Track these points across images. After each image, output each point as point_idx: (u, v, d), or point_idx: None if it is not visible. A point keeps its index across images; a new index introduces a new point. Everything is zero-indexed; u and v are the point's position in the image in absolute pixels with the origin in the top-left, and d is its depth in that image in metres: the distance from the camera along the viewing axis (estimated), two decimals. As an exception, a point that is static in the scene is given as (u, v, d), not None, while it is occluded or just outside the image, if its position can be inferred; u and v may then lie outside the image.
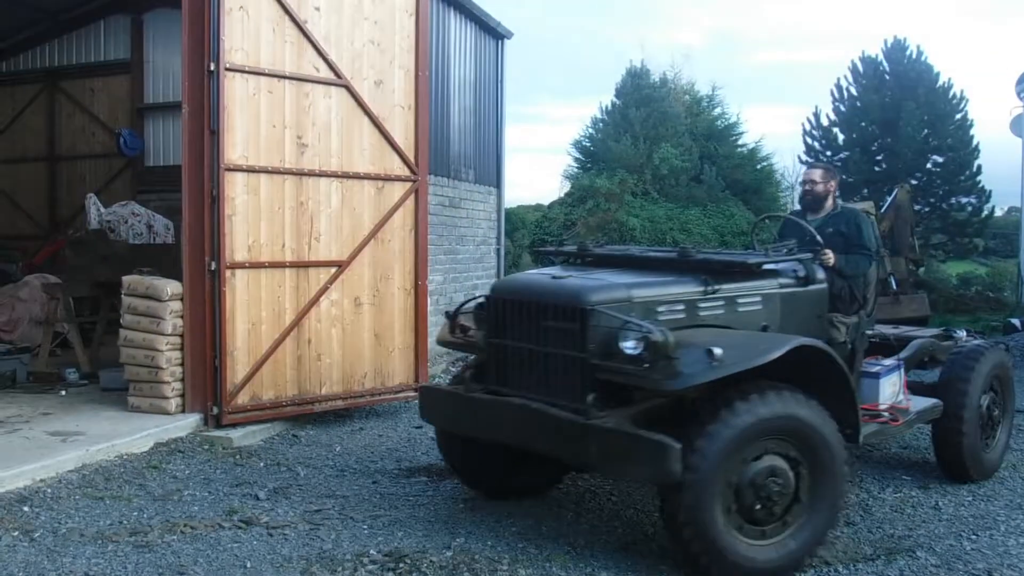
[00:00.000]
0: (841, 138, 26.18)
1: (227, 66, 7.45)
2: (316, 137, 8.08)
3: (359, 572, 4.66)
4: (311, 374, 8.07)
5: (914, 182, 22.85)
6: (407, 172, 8.71)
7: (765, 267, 5.44)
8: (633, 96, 25.83)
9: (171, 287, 7.69)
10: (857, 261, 6.19)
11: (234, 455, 7.01)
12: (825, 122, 26.61)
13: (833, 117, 26.52)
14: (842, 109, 26.25)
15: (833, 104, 26.53)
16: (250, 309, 7.69)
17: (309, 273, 8.06)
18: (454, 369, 10.59)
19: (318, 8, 8.04)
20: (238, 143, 7.56)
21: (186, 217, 7.60)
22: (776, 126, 60.94)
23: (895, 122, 23.83)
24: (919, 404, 6.19)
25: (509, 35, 15.15)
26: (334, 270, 8.19)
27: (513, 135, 59.83)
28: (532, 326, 5.01)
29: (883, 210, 18.49)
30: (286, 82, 7.86)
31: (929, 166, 24.52)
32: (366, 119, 8.41)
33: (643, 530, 5.39)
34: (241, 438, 7.40)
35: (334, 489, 6.20)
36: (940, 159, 24.38)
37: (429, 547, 5.00)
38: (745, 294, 5.28)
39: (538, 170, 62.09)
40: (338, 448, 7.44)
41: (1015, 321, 15.93)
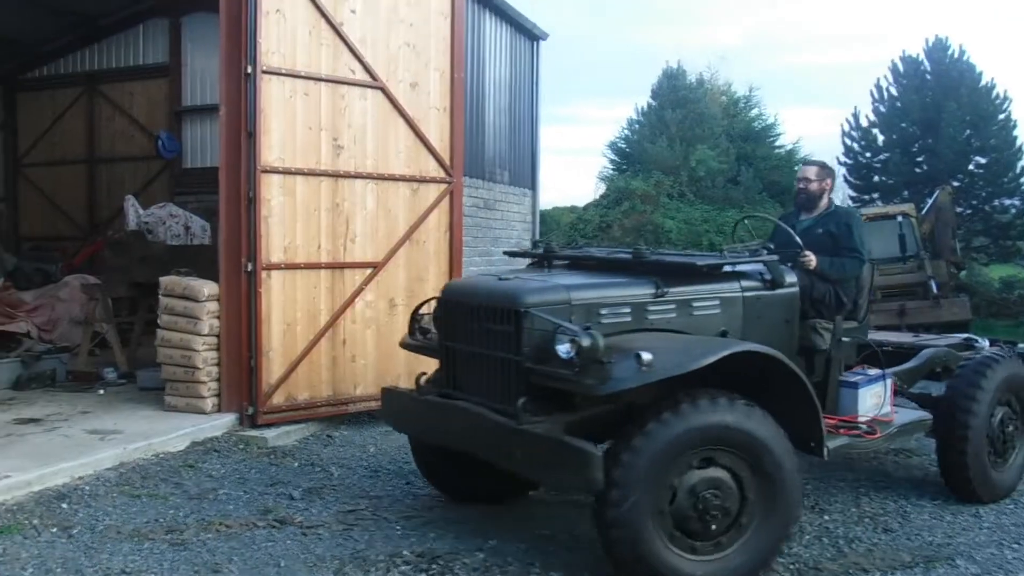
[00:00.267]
0: (881, 139, 25.91)
1: (264, 69, 7.50)
2: (352, 139, 8.11)
3: (392, 573, 4.66)
4: (346, 375, 8.10)
5: (956, 184, 22.54)
6: (442, 174, 8.72)
7: (726, 269, 5.21)
8: (669, 97, 25.74)
9: (208, 288, 7.76)
10: (843, 264, 5.90)
11: (269, 455, 7.05)
12: (865, 123, 26.34)
13: (873, 118, 26.25)
14: (882, 110, 25.97)
15: (873, 105, 26.27)
16: (285, 310, 7.73)
17: (344, 274, 8.09)
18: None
19: (354, 11, 8.07)
20: (274, 145, 7.61)
21: (223, 218, 7.66)
22: (814, 127, 60.38)
23: (936, 123, 23.54)
24: (905, 417, 5.82)
25: (544, 36, 15.14)
26: (369, 271, 8.21)
27: (548, 136, 59.77)
28: (476, 328, 4.92)
29: (924, 212, 18.27)
30: (322, 84, 7.90)
31: (971, 167, 24.21)
32: (401, 121, 8.43)
33: (677, 534, 5.34)
34: (276, 438, 7.44)
35: (367, 490, 6.21)
36: (983, 160, 24.06)
37: (462, 548, 4.99)
38: (701, 297, 5.06)
39: (573, 172, 62.02)
40: (372, 449, 7.45)
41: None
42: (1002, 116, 23.90)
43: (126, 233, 11.12)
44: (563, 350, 4.28)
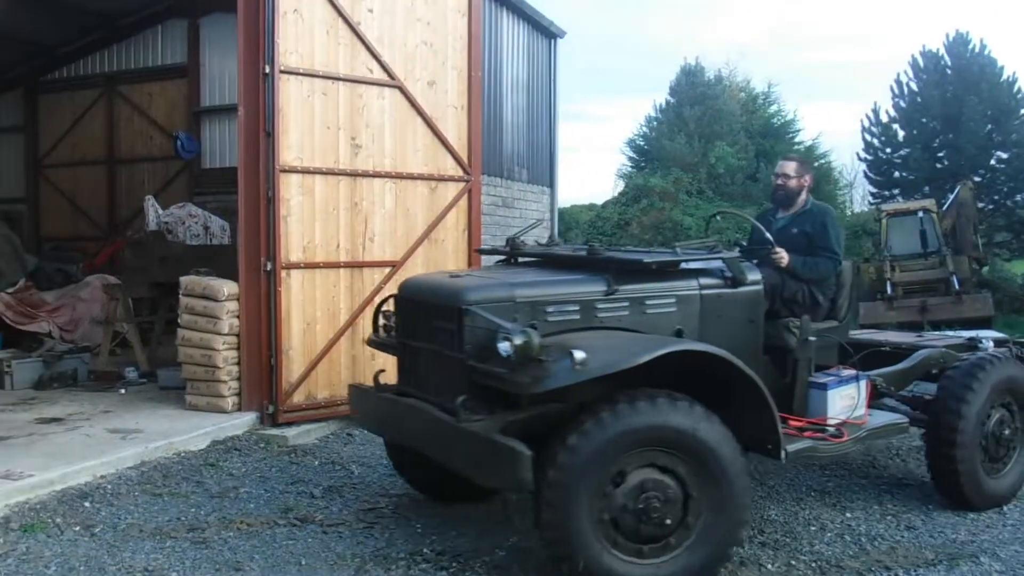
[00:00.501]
0: (901, 135, 25.76)
1: (282, 68, 7.52)
2: (370, 138, 8.12)
3: (412, 571, 4.66)
4: (365, 373, 8.07)
5: (977, 179, 22.39)
6: (460, 172, 8.72)
7: (685, 267, 5.07)
8: (688, 94, 25.68)
9: (227, 287, 7.79)
10: (816, 264, 5.75)
11: (289, 453, 7.07)
12: (885, 118, 26.19)
13: (893, 113, 26.10)
14: (902, 105, 25.81)
15: (893, 100, 26.11)
16: (305, 309, 7.75)
17: (363, 273, 8.11)
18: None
19: (371, 10, 8.08)
20: (293, 145, 7.63)
21: (242, 218, 7.68)
22: (834, 123, 60.01)
23: (957, 118, 23.37)
24: (879, 420, 5.56)
25: (562, 34, 15.11)
26: (388, 270, 8.22)
27: (566, 134, 59.66)
28: (425, 325, 4.90)
29: (945, 208, 18.15)
30: (340, 84, 7.91)
31: (993, 162, 24.04)
32: (419, 119, 8.43)
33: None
34: (296, 436, 7.46)
35: (388, 488, 6.21)
36: (1004, 155, 23.88)
37: (482, 547, 4.99)
38: (654, 295, 4.91)
39: (591, 169, 61.88)
40: (392, 447, 7.45)
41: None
42: (1024, 111, 23.71)
43: (146, 233, 11.18)
44: (503, 348, 4.18)
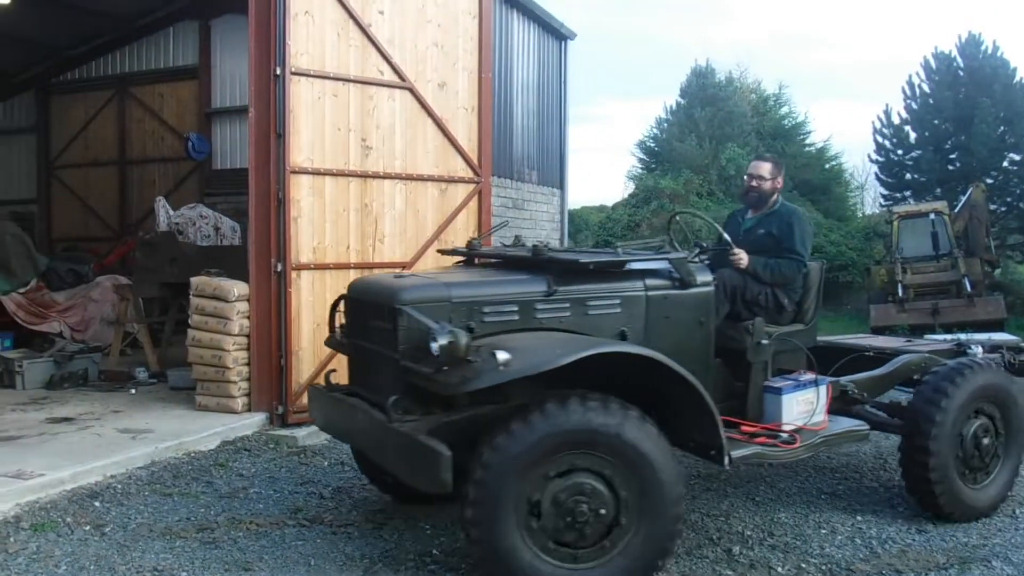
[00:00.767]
0: (913, 136, 25.66)
1: (293, 70, 7.53)
2: (380, 139, 8.13)
3: (422, 572, 4.66)
4: (374, 374, 8.11)
5: (989, 181, 22.30)
6: (470, 174, 8.72)
7: (631, 267, 4.95)
8: (698, 96, 25.66)
9: (238, 288, 7.81)
10: (779, 266, 5.61)
11: (299, 454, 7.08)
12: (896, 120, 26.09)
13: (905, 115, 26.00)
14: (914, 106, 25.72)
15: (905, 101, 26.01)
16: (315, 310, 7.76)
17: (373, 275, 8.10)
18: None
19: (382, 12, 8.09)
20: (303, 146, 7.64)
21: (252, 219, 7.70)
22: (845, 124, 59.77)
23: (969, 119, 23.28)
24: (838, 426, 5.36)
25: (572, 36, 15.11)
26: (398, 271, 8.21)
27: (576, 135, 59.65)
28: (367, 326, 4.89)
29: (957, 210, 18.08)
30: (351, 85, 7.93)
31: (1005, 164, 23.93)
32: (430, 121, 8.44)
33: (708, 534, 5.31)
34: (306, 437, 7.46)
35: (397, 489, 6.21)
36: (1017, 157, 23.77)
37: (491, 548, 4.97)
38: (597, 296, 4.81)
39: (602, 171, 61.87)
40: (401, 448, 7.45)
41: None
42: (1037, 112, 23.59)
43: (157, 234, 11.23)
44: (435, 348, 4.14)
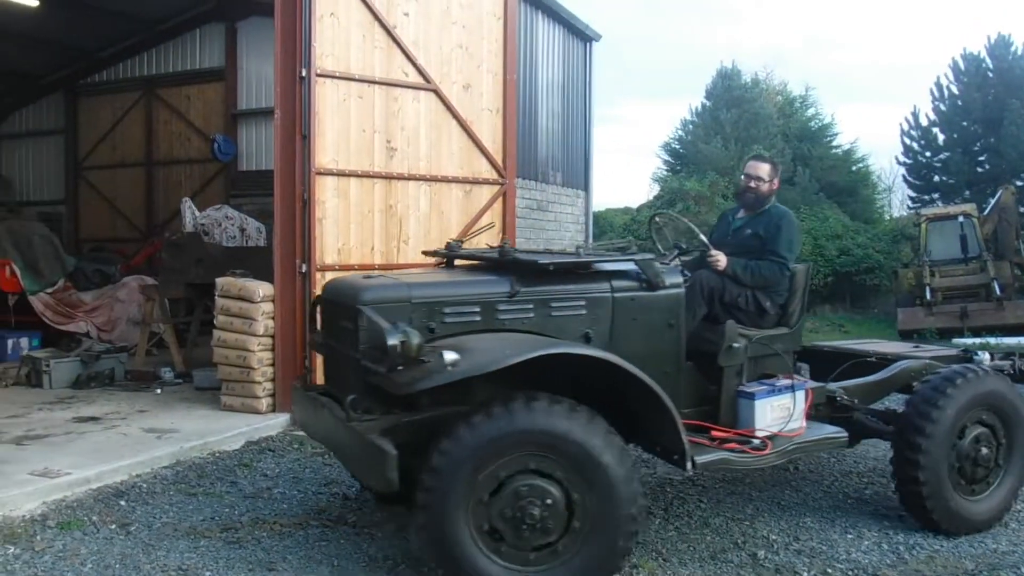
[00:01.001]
0: (941, 138, 25.42)
1: (318, 72, 7.56)
2: (405, 141, 8.14)
3: (444, 574, 4.65)
4: (398, 376, 8.11)
5: (1019, 183, 22.01)
6: (495, 175, 8.71)
7: (598, 268, 4.90)
8: (724, 97, 25.54)
9: (263, 289, 7.83)
10: (759, 268, 5.46)
11: (323, 455, 7.07)
12: (924, 122, 25.86)
13: (933, 117, 25.76)
14: (942, 108, 25.48)
15: (933, 103, 25.78)
16: (339, 311, 7.76)
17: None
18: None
19: (407, 13, 8.10)
20: (328, 147, 7.66)
21: (277, 220, 7.73)
22: (872, 127, 59.26)
23: (999, 121, 23.04)
24: (815, 433, 5.17)
25: (597, 37, 15.08)
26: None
27: (601, 137, 59.55)
28: (337, 326, 4.88)
29: (986, 212, 17.88)
30: (375, 87, 7.94)
31: (1035, 166, 23.61)
32: (454, 123, 8.45)
33: (733, 538, 5.26)
34: (330, 438, 7.47)
35: (420, 490, 6.20)
36: (1047, 159, 23.46)
37: (514, 551, 4.95)
38: (561, 297, 4.75)
39: (626, 173, 61.67)
40: (424, 450, 7.45)
41: None
42: (1068, 114, 23.32)
43: (183, 235, 11.29)
44: (388, 347, 4.12)
